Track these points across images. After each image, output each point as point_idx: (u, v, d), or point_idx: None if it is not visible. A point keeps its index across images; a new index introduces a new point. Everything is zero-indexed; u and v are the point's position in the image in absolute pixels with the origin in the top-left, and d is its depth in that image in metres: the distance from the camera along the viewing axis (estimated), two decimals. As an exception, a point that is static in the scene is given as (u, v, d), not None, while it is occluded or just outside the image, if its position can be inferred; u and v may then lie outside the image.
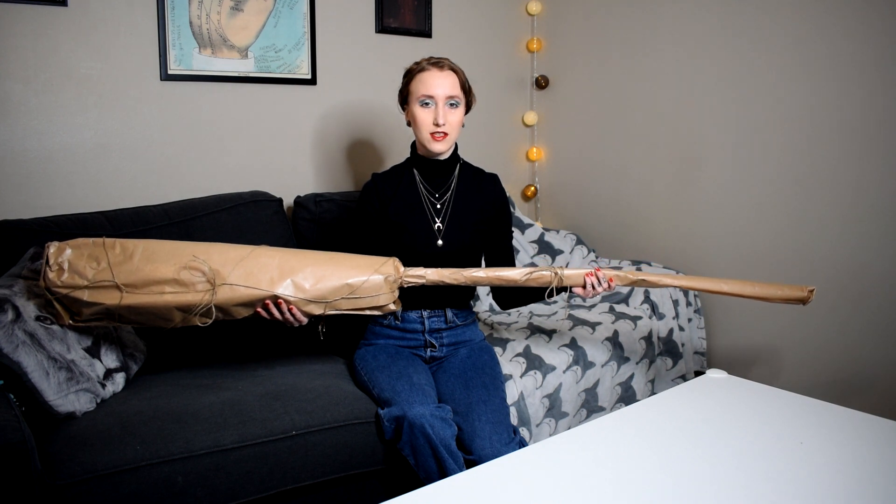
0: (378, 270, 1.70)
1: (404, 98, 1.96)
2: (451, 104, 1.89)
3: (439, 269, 1.76)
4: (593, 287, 1.78)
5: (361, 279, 1.68)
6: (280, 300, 1.64)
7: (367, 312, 1.72)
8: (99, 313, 1.64)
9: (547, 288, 1.80)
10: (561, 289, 1.83)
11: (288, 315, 1.67)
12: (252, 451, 1.63)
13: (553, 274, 1.78)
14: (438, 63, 1.90)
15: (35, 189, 2.23)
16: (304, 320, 1.69)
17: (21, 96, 2.19)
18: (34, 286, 1.73)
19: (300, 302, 1.66)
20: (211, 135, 2.52)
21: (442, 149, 1.93)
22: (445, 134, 1.90)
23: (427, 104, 1.89)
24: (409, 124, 1.97)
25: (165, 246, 1.67)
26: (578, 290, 1.81)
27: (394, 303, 1.73)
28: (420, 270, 1.75)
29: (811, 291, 1.74)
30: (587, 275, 1.77)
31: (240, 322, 2.20)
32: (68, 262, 1.62)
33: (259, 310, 1.66)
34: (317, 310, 1.68)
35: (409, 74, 1.94)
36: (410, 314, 1.98)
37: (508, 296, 2.04)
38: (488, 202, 2.02)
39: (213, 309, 1.63)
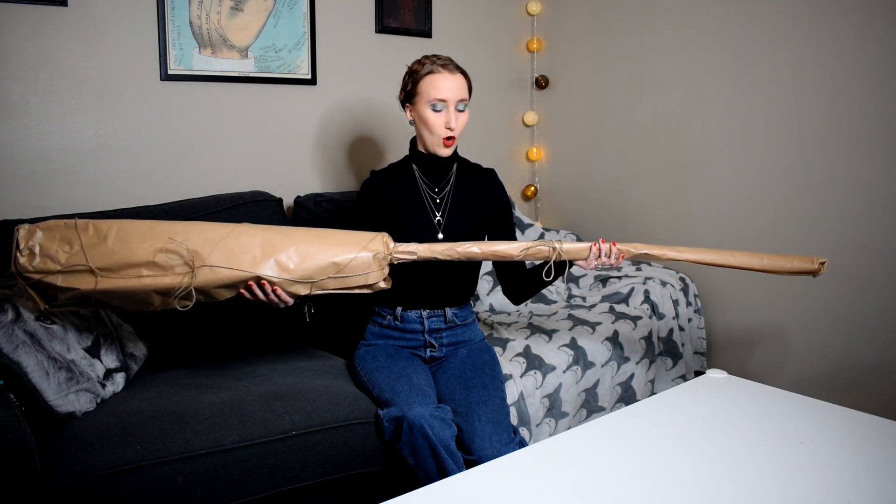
0: (366, 247, 1.64)
1: (409, 97, 1.92)
2: (460, 108, 1.89)
3: (431, 245, 1.71)
4: (597, 257, 1.73)
5: (349, 257, 1.62)
6: (263, 281, 1.59)
7: (357, 291, 1.66)
8: (74, 298, 1.57)
9: (552, 268, 1.77)
10: (560, 267, 1.80)
11: (272, 296, 1.61)
12: (252, 451, 1.63)
13: (551, 249, 1.72)
14: (448, 65, 1.87)
15: (35, 189, 2.22)
16: (290, 301, 1.64)
17: (21, 96, 2.19)
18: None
19: (284, 282, 1.59)
20: (211, 135, 2.52)
21: (450, 153, 1.93)
22: (454, 138, 1.90)
23: (438, 109, 1.87)
24: (411, 123, 1.95)
25: (141, 226, 1.60)
26: (581, 263, 1.77)
27: (384, 280, 1.67)
28: (411, 246, 1.70)
29: (822, 263, 1.70)
30: (592, 245, 1.73)
31: (240, 319, 2.22)
32: (39, 245, 1.54)
33: (242, 291, 1.60)
34: (303, 290, 1.61)
35: (416, 74, 1.89)
36: (410, 314, 1.98)
37: (517, 288, 2.02)
38: (487, 195, 2.02)
39: (193, 292, 1.57)
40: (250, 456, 1.62)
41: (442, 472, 1.63)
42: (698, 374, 2.32)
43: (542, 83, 3.29)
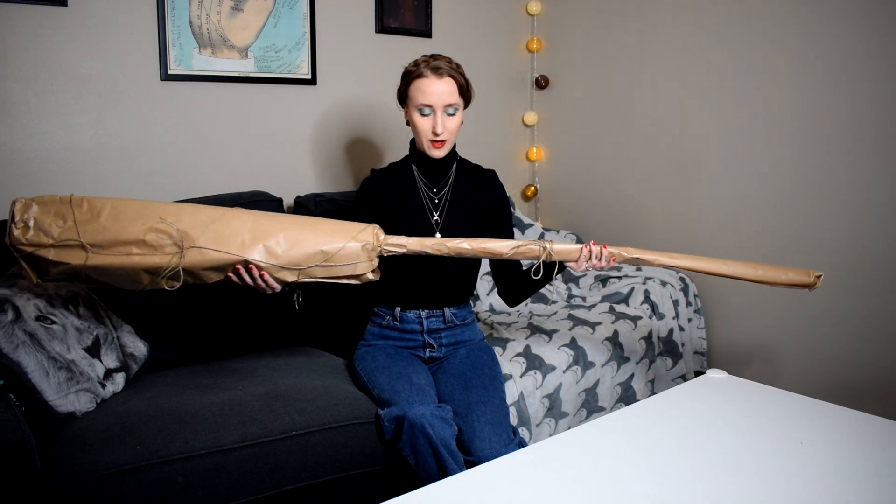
0: (356, 237, 1.64)
1: (403, 98, 1.94)
2: (450, 112, 1.88)
3: (421, 239, 1.71)
4: (587, 259, 1.71)
5: (337, 246, 1.63)
6: (251, 265, 1.60)
7: (345, 281, 1.66)
8: (66, 273, 1.59)
9: (541, 267, 1.75)
10: (550, 267, 1.77)
11: (259, 281, 1.62)
12: (252, 451, 1.63)
13: (542, 248, 1.70)
14: (437, 69, 1.85)
15: (35, 189, 2.22)
16: (277, 287, 1.65)
17: (21, 96, 2.19)
18: (34, 286, 1.73)
19: (272, 268, 1.61)
20: (211, 135, 2.52)
21: (441, 155, 1.92)
22: (444, 141, 1.90)
23: (426, 113, 1.87)
24: (407, 123, 1.96)
25: (135, 205, 1.62)
26: (571, 265, 1.75)
27: (373, 272, 1.67)
28: (401, 239, 1.70)
29: (818, 277, 1.68)
30: (583, 247, 1.71)
31: (240, 319, 2.22)
32: (34, 219, 1.57)
33: (230, 274, 1.61)
34: (290, 276, 1.62)
35: (408, 77, 1.90)
36: (408, 314, 1.97)
37: (511, 288, 2.01)
38: (486, 196, 2.02)
39: (181, 272, 1.58)
40: (250, 456, 1.62)
41: (443, 472, 1.63)
42: (698, 374, 2.31)
43: (542, 83, 3.29)
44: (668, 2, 2.82)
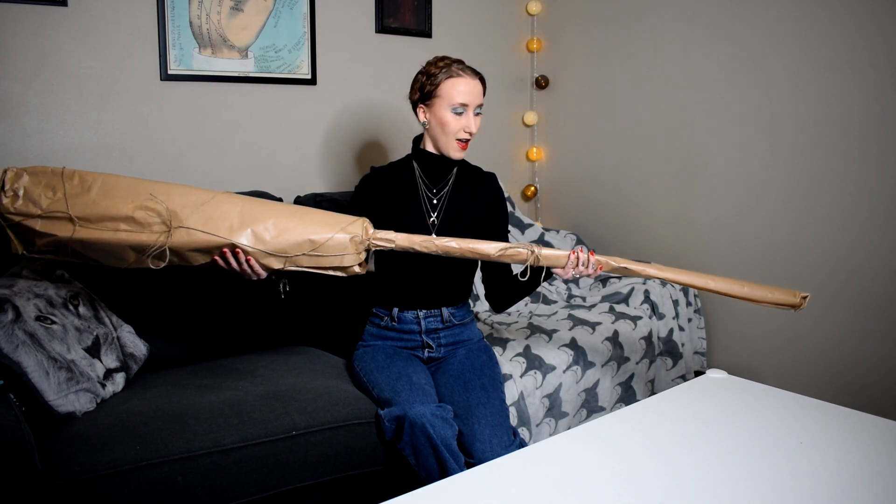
0: (345, 229, 1.63)
1: (425, 98, 1.90)
2: (477, 112, 1.90)
3: (410, 235, 1.70)
4: (574, 266, 1.71)
5: (326, 236, 1.62)
6: (238, 249, 1.59)
7: (331, 273, 1.65)
8: (51, 245, 1.59)
9: (528, 270, 1.74)
10: (538, 270, 1.76)
11: (245, 266, 1.62)
12: (252, 451, 1.63)
13: (529, 252, 1.69)
14: (467, 69, 1.88)
15: (35, 189, 2.22)
16: (263, 274, 1.65)
17: (21, 96, 2.19)
18: (35, 286, 1.73)
19: (258, 253, 1.60)
20: (211, 135, 2.52)
21: (463, 156, 1.93)
22: (468, 142, 1.91)
23: (459, 112, 1.87)
24: (423, 124, 1.93)
25: (126, 181, 1.62)
26: (558, 271, 1.74)
27: (359, 265, 1.66)
28: (390, 234, 1.69)
29: (804, 298, 1.66)
30: (571, 253, 1.70)
31: (241, 319, 2.22)
32: (24, 188, 1.57)
33: (216, 257, 1.61)
34: (276, 264, 1.62)
35: (436, 77, 1.86)
36: (406, 314, 1.97)
37: (499, 292, 2.00)
38: (485, 199, 2.01)
39: (168, 252, 1.58)
40: (250, 456, 1.62)
41: (443, 472, 1.63)
42: (698, 374, 2.32)
43: (542, 83, 3.29)
44: (669, 2, 2.82)
